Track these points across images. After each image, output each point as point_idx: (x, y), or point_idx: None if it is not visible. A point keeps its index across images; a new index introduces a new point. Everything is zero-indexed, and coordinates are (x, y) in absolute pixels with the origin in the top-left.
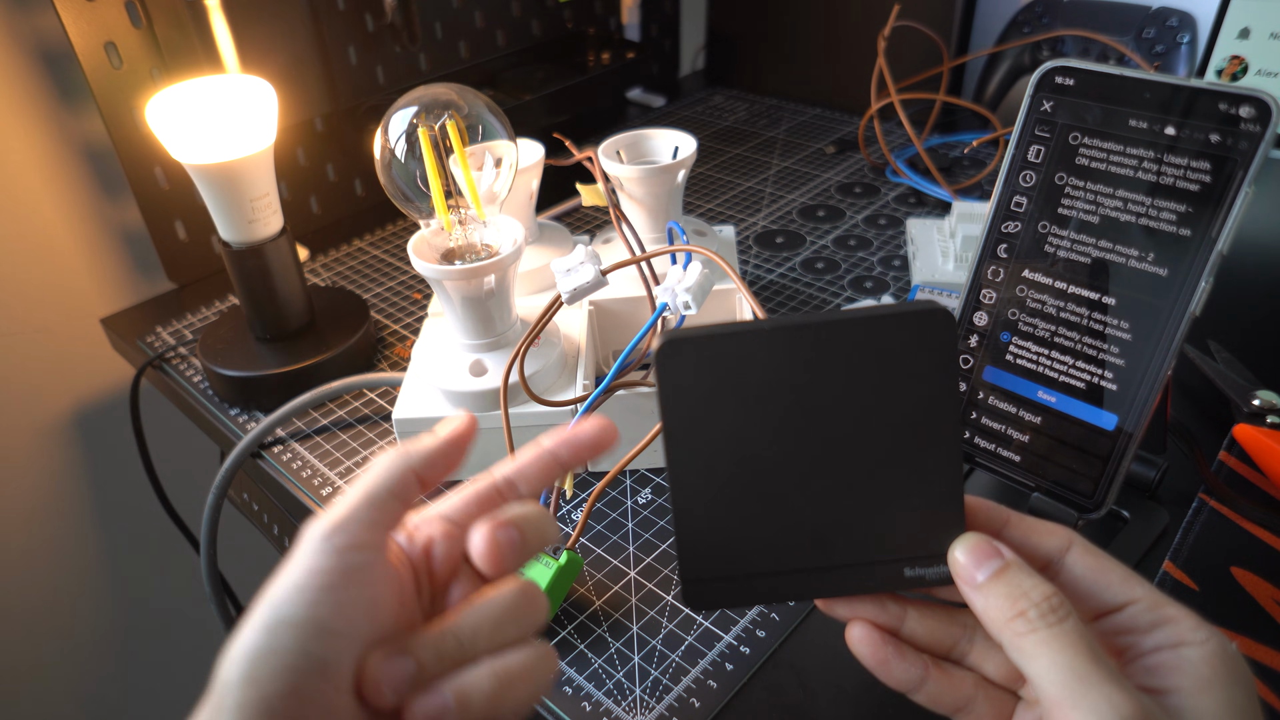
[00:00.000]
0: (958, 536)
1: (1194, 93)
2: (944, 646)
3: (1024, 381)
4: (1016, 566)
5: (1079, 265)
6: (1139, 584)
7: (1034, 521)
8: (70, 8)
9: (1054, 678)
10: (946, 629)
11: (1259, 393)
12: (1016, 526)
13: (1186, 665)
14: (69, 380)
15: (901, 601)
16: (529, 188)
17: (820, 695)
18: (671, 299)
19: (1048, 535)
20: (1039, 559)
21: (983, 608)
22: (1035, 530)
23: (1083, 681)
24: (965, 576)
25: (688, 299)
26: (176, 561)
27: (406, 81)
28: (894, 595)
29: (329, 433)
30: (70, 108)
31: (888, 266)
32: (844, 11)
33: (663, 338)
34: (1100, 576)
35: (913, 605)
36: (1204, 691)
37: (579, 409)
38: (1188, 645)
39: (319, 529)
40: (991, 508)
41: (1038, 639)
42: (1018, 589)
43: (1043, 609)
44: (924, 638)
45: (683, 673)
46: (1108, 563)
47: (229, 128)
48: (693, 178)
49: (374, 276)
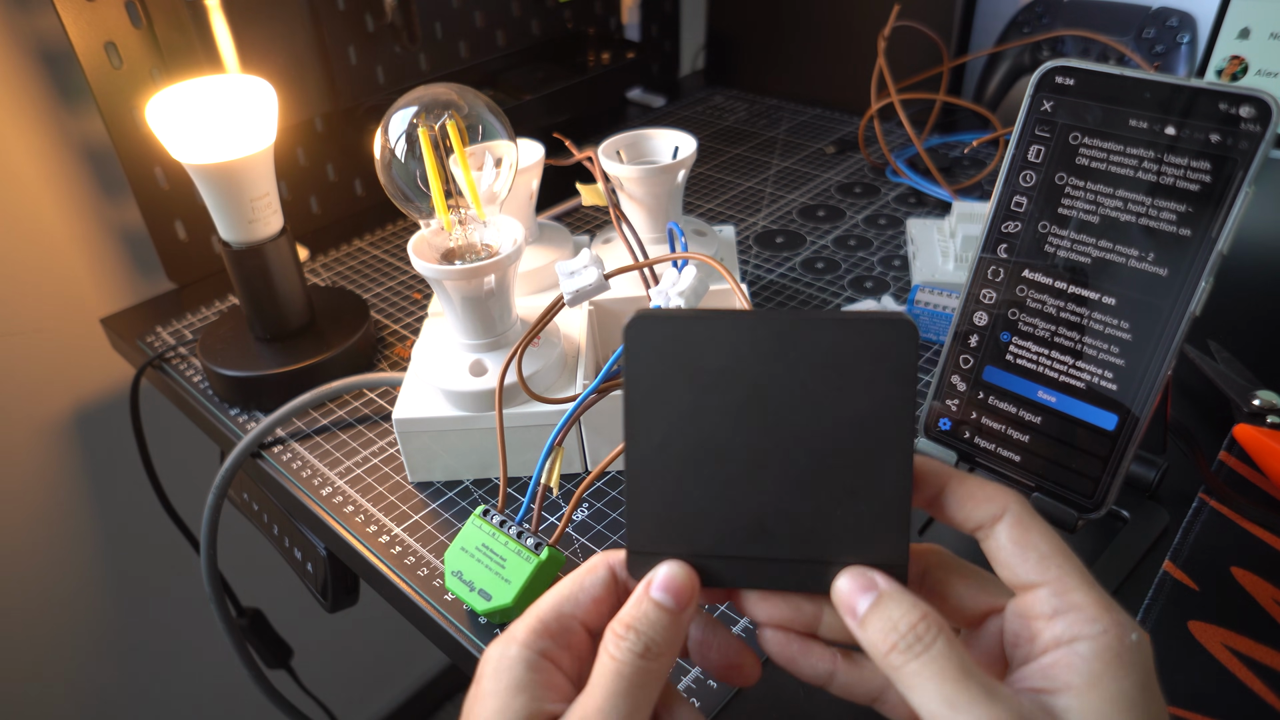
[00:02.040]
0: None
1: (1194, 93)
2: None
3: (1024, 381)
4: (888, 597)
5: (1079, 265)
6: (1054, 565)
7: (975, 484)
8: (70, 8)
9: (929, 709)
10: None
11: (1259, 393)
12: (955, 490)
13: (1078, 661)
14: (69, 380)
15: (817, 602)
16: (529, 188)
17: (820, 695)
18: (665, 301)
19: (984, 502)
20: (970, 526)
21: (865, 643)
22: (973, 496)
23: (953, 708)
24: (847, 610)
25: (680, 303)
26: (176, 561)
27: (406, 81)
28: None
29: (329, 433)
30: (70, 108)
31: (888, 266)
32: (844, 11)
33: (634, 314)
34: (1019, 554)
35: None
36: (1091, 689)
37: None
38: (1081, 639)
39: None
40: (934, 470)
41: (910, 670)
42: (888, 621)
43: (909, 639)
44: (841, 634)
45: (683, 672)
46: (1033, 538)
47: (229, 128)
48: (693, 178)
49: (374, 276)
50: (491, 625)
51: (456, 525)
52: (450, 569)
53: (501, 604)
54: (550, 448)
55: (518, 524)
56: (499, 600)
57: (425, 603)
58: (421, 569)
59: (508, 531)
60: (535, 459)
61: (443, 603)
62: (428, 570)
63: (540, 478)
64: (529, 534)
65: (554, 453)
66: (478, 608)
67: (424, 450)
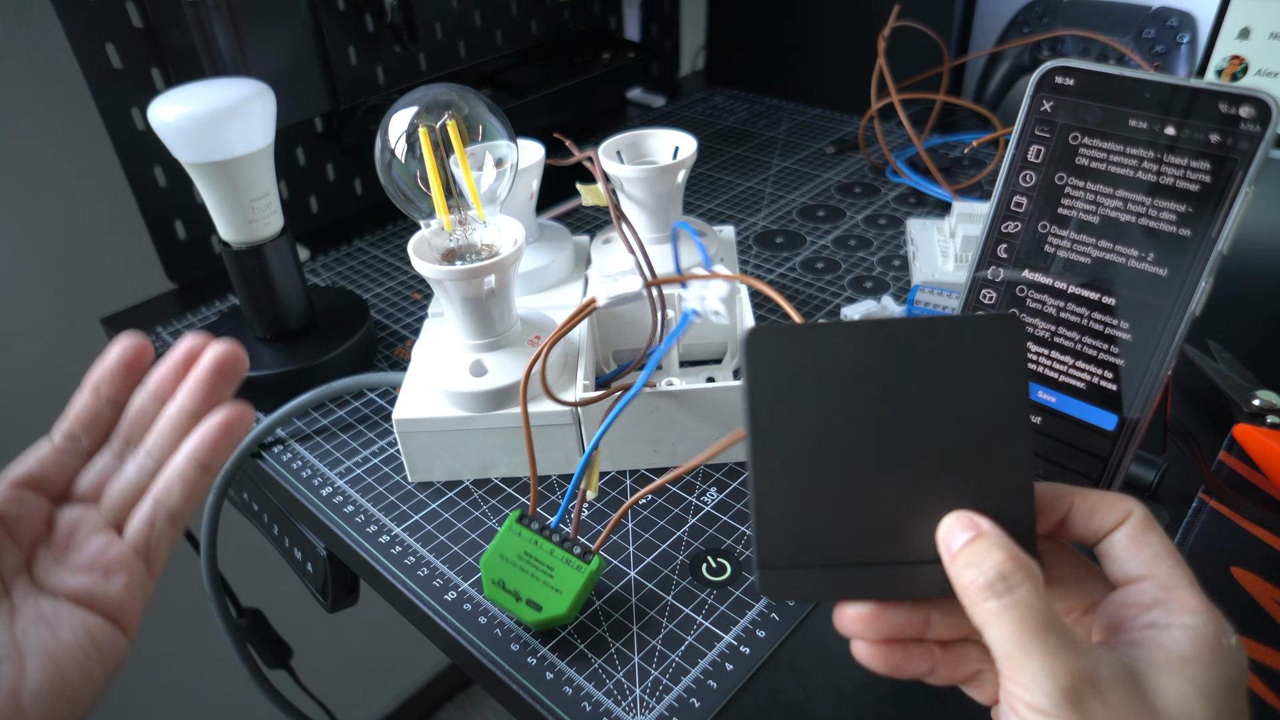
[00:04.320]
0: (1028, 532)
1: (1194, 93)
2: (964, 631)
3: None
4: (985, 538)
5: (1079, 265)
6: (1165, 564)
7: (1098, 497)
8: (70, 8)
9: (1000, 648)
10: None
11: (1259, 393)
12: (1080, 506)
13: (1169, 642)
14: (69, 380)
15: (923, 607)
16: (529, 188)
17: (820, 695)
18: (700, 305)
19: (1110, 509)
20: (1099, 537)
21: (954, 579)
22: (1098, 508)
23: (1024, 652)
24: (943, 547)
25: (719, 309)
26: (176, 561)
27: (406, 81)
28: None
29: (329, 433)
30: (70, 108)
31: (888, 266)
32: (844, 11)
33: (749, 329)
34: (1133, 550)
35: (934, 606)
36: (1174, 666)
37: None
38: (1177, 626)
39: None
40: (1056, 493)
41: (988, 609)
42: (979, 561)
43: (992, 578)
44: (947, 630)
45: (683, 673)
46: (1149, 538)
47: (229, 128)
48: (693, 178)
49: (374, 276)
50: (491, 626)
51: (457, 525)
52: (490, 577)
53: (555, 614)
54: (589, 455)
55: (555, 529)
56: (551, 610)
57: (425, 603)
58: (421, 569)
59: (550, 539)
60: (541, 458)
61: (443, 603)
62: (428, 570)
63: (579, 483)
64: (572, 541)
65: (592, 459)
66: (527, 618)
67: (424, 450)
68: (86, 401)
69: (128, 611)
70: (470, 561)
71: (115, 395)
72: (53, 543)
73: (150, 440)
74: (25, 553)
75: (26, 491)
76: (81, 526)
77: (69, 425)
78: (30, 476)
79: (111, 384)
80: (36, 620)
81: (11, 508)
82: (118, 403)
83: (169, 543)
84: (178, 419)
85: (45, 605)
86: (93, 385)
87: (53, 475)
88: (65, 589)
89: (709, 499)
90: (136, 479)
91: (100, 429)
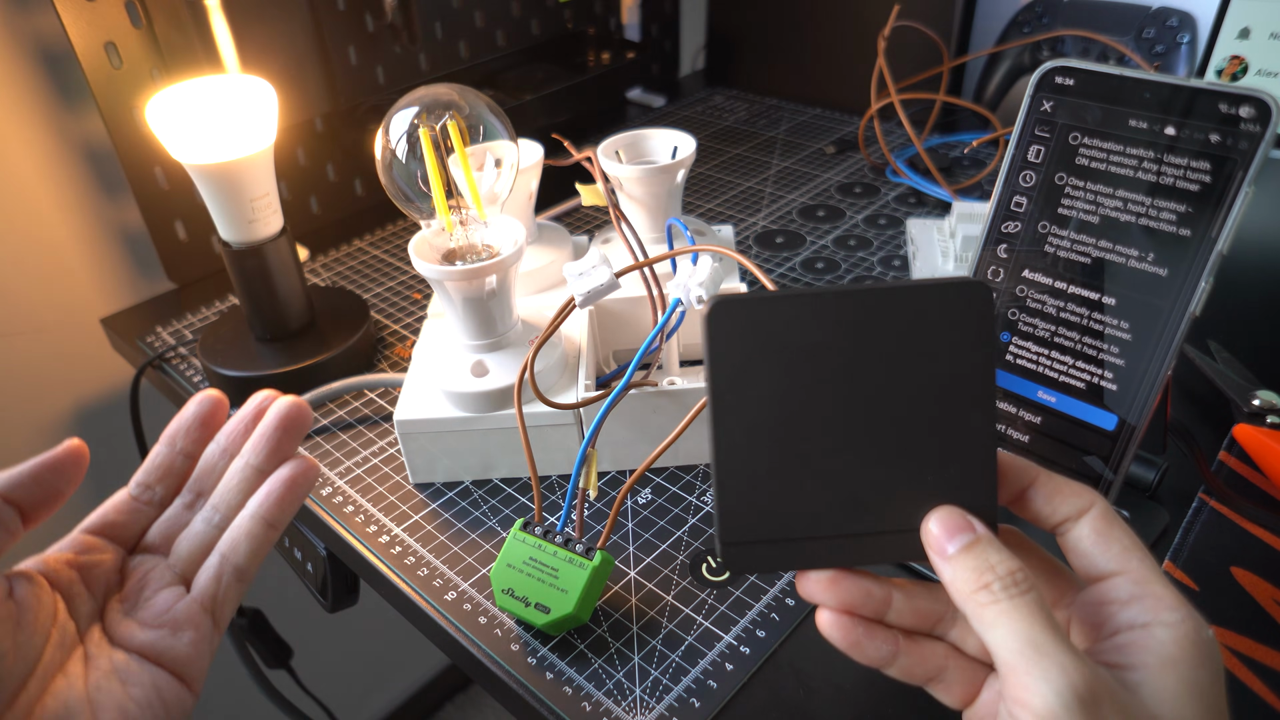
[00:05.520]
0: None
1: (1194, 93)
2: (928, 623)
3: (1024, 381)
4: (986, 541)
5: (1079, 265)
6: (1136, 558)
7: (1062, 482)
8: (70, 8)
9: (1011, 645)
10: (930, 606)
11: (1259, 393)
12: (1043, 486)
13: (1154, 643)
14: (69, 380)
15: (885, 584)
16: (529, 188)
17: (820, 695)
18: (685, 294)
19: (1071, 497)
20: (1055, 521)
21: (950, 579)
22: (1060, 491)
23: (1038, 650)
24: (936, 547)
25: (701, 294)
26: None
27: (406, 81)
28: (878, 579)
29: (329, 433)
30: (70, 108)
31: (888, 266)
32: (844, 11)
33: (712, 299)
34: (1102, 545)
35: (897, 586)
36: (1167, 670)
37: (600, 409)
38: (1158, 625)
39: None
40: (1021, 467)
41: (998, 610)
42: (984, 563)
43: (1006, 582)
44: (909, 616)
45: (683, 673)
46: (1115, 532)
47: (229, 128)
48: (693, 178)
49: (374, 276)
50: (491, 626)
51: (457, 525)
52: (500, 587)
53: (563, 614)
54: (583, 453)
55: (560, 532)
56: (559, 610)
57: (425, 603)
58: (421, 569)
59: (554, 541)
60: (540, 460)
61: (443, 603)
62: (428, 570)
63: (579, 482)
64: (575, 541)
65: (588, 457)
66: (537, 622)
67: (425, 451)
68: (162, 452)
69: (194, 668)
70: (470, 561)
71: (190, 448)
72: (124, 593)
73: (217, 495)
74: (99, 601)
75: (102, 539)
76: (151, 578)
77: (144, 475)
78: (106, 524)
79: (187, 437)
80: (109, 674)
81: (88, 555)
82: (192, 455)
83: (235, 598)
84: (244, 474)
85: (118, 658)
86: (169, 437)
87: (126, 523)
88: (135, 643)
89: (709, 499)
90: (205, 533)
91: (174, 480)
